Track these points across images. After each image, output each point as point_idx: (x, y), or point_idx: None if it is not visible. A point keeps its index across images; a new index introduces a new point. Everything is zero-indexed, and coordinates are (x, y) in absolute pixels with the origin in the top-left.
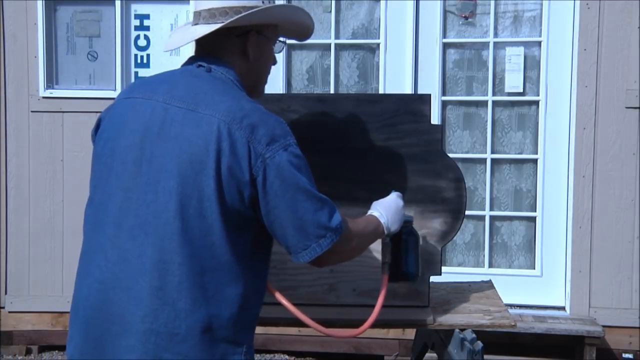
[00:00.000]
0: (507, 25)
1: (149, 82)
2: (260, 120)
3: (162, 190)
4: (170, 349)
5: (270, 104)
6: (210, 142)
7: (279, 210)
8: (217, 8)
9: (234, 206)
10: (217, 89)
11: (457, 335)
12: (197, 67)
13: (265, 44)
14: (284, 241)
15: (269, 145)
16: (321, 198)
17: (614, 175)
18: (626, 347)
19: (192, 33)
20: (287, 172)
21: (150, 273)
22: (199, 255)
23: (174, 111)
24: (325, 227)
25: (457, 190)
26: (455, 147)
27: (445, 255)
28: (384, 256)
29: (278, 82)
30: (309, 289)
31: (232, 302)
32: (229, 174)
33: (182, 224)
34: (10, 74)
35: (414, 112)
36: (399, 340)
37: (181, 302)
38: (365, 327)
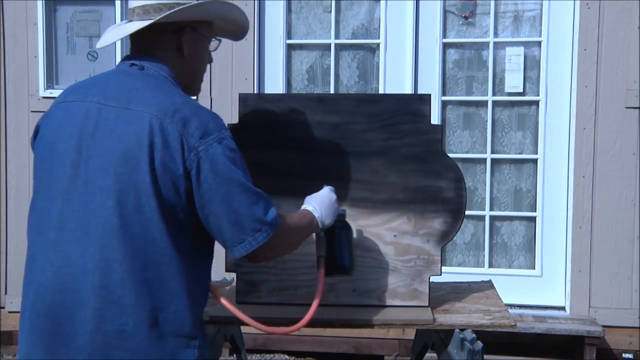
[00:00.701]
0: (507, 25)
1: (83, 85)
2: (192, 114)
3: (99, 189)
4: (119, 346)
5: (270, 104)
6: (143, 137)
7: (214, 204)
8: (151, 5)
9: (170, 200)
10: (150, 85)
11: (457, 335)
12: (130, 65)
13: (201, 41)
14: (219, 235)
15: (202, 138)
16: (256, 192)
17: (614, 175)
18: (626, 347)
19: (126, 29)
20: (221, 165)
21: (93, 272)
22: (140, 251)
23: (108, 110)
24: (260, 221)
25: (457, 190)
26: (455, 147)
27: (445, 255)
28: (318, 250)
29: (278, 82)
30: (309, 289)
31: (178, 296)
32: (163, 168)
33: (121, 221)
34: (10, 74)
35: (414, 112)
36: (399, 340)
37: (126, 299)
38: (302, 324)
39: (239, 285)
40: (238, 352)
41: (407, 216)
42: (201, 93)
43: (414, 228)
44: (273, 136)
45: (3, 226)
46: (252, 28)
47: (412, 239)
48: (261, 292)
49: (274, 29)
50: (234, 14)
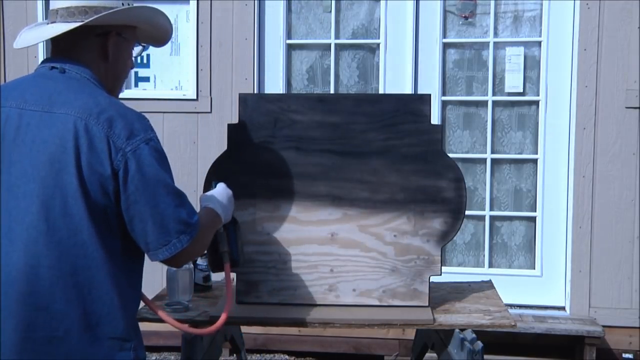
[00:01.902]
0: (507, 25)
1: (1, 90)
2: (118, 114)
3: (23, 194)
4: (50, 352)
5: (270, 104)
6: (67, 140)
7: (140, 205)
8: (77, 7)
9: (99, 202)
10: (72, 87)
11: (457, 335)
12: (50, 69)
13: (125, 46)
14: (143, 237)
15: (129, 139)
16: (181, 194)
17: (614, 175)
18: (626, 347)
19: (49, 31)
20: (148, 166)
21: (18, 281)
22: (69, 255)
23: (29, 115)
24: (185, 223)
25: (457, 190)
26: (455, 147)
27: (445, 255)
28: (222, 246)
29: (278, 82)
30: (309, 289)
31: (110, 299)
32: (90, 170)
33: (47, 225)
34: (10, 74)
35: (414, 112)
36: (399, 340)
37: (55, 305)
38: (221, 321)
39: (239, 286)
40: (238, 352)
41: (407, 216)
42: (201, 93)
43: (414, 228)
44: (273, 136)
45: None
46: (252, 28)
47: (412, 239)
48: (260, 292)
49: (274, 29)
50: (159, 19)
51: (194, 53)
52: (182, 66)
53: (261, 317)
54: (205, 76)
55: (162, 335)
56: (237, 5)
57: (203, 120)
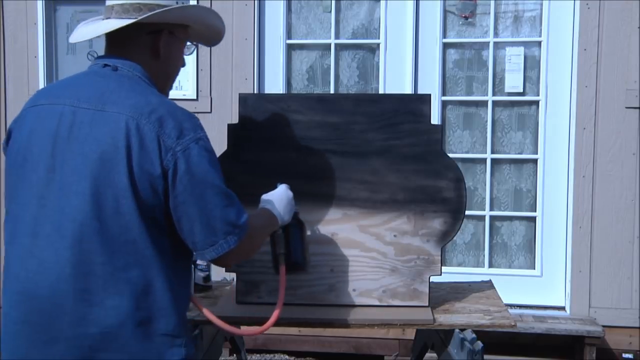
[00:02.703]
0: (507, 25)
1: (54, 88)
2: (168, 114)
3: (75, 193)
4: (105, 348)
5: (270, 104)
6: (119, 139)
7: (188, 205)
8: (131, 4)
9: (149, 201)
10: (124, 86)
11: (457, 335)
12: (103, 66)
13: (176, 45)
14: (190, 237)
15: (179, 138)
16: (230, 194)
17: (613, 175)
18: (626, 347)
19: (104, 26)
20: (197, 166)
21: (72, 277)
22: (121, 252)
23: (82, 113)
24: (233, 224)
25: (457, 190)
26: (455, 147)
27: (445, 255)
28: (278, 248)
29: (278, 82)
30: (309, 289)
31: (162, 296)
32: (141, 170)
33: (100, 223)
34: (10, 74)
35: (414, 112)
36: (399, 340)
37: (109, 301)
38: (269, 324)
39: (239, 285)
40: (238, 352)
41: (407, 216)
42: (201, 93)
43: (414, 228)
44: (273, 136)
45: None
46: (252, 28)
47: (412, 239)
48: (261, 292)
49: (274, 29)
50: (212, 19)
51: (194, 53)
52: None
53: (261, 317)
54: (205, 76)
55: None
56: (237, 5)
57: (203, 120)
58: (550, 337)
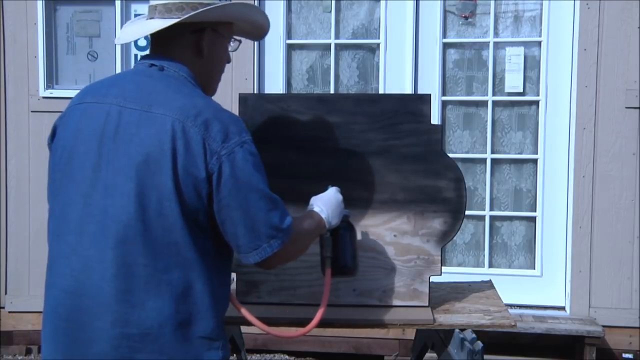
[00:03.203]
0: (507, 25)
1: (101, 86)
2: (214, 117)
3: (120, 193)
4: (143, 349)
5: (270, 104)
6: (165, 141)
7: (232, 209)
8: (174, 3)
9: (192, 204)
10: (170, 87)
11: (457, 335)
12: (150, 66)
13: (220, 42)
14: (234, 240)
15: (225, 142)
16: (274, 198)
17: (614, 175)
18: (626, 347)
19: (147, 27)
20: (242, 170)
21: (115, 277)
22: (163, 254)
23: (128, 113)
24: (276, 228)
25: (457, 190)
26: (455, 147)
27: (445, 255)
28: (325, 251)
29: (278, 82)
30: (309, 289)
31: (202, 298)
32: (185, 173)
33: (144, 225)
34: (10, 74)
35: (414, 112)
36: (399, 340)
37: (150, 302)
38: (312, 326)
39: (239, 285)
40: (238, 352)
41: (407, 216)
42: None
43: (414, 228)
44: (273, 136)
45: (3, 227)
46: None
47: (412, 239)
48: (261, 292)
49: (274, 29)
50: (255, 15)
51: None
52: None
53: (261, 317)
54: None
55: None
56: None
57: None
58: (550, 337)
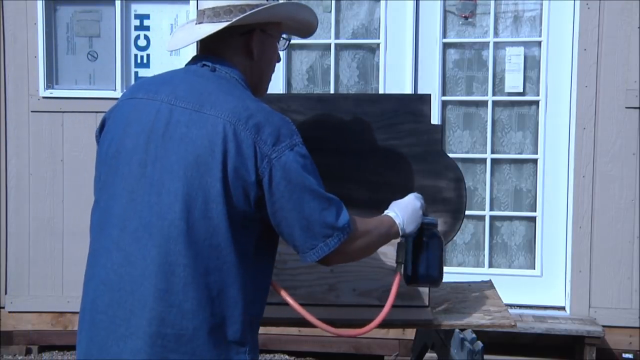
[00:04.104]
0: (507, 25)
1: (153, 82)
2: (265, 120)
3: (167, 191)
4: (176, 349)
5: (270, 104)
6: (216, 143)
7: (286, 211)
8: (222, 7)
9: (239, 207)
10: (222, 88)
11: (457, 335)
12: (202, 66)
13: (269, 42)
14: (291, 241)
15: (275, 145)
16: (328, 197)
17: (614, 175)
18: (626, 347)
19: (197, 32)
20: (293, 172)
21: (155, 275)
22: (203, 256)
23: (179, 112)
24: (332, 227)
25: (457, 190)
26: (455, 147)
27: (445, 255)
28: (398, 256)
29: (278, 82)
30: (309, 289)
31: (236, 302)
32: (235, 175)
33: (188, 225)
34: (10, 74)
35: (414, 112)
36: (399, 340)
37: (187, 304)
38: (373, 325)
39: None
40: None
41: None
42: None
43: None
44: None
45: (3, 226)
46: None
47: None
48: None
49: None
50: (303, 13)
51: (194, 53)
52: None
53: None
54: None
55: None
56: None
57: None
58: (550, 337)
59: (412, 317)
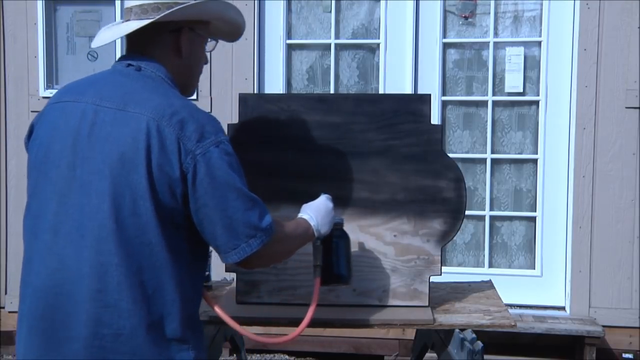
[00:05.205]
0: (507, 25)
1: (78, 85)
2: (190, 117)
3: (95, 192)
4: (115, 349)
5: (270, 104)
6: (140, 140)
7: (209, 208)
8: (149, 4)
9: (167, 204)
10: (147, 87)
11: (457, 335)
12: (127, 66)
13: (198, 41)
14: (212, 240)
15: (200, 141)
16: (252, 197)
17: (614, 175)
18: (626, 347)
19: (123, 29)
20: (218, 169)
21: (89, 277)
22: (136, 254)
23: (104, 112)
24: (255, 227)
25: (457, 190)
26: (455, 147)
27: (445, 255)
28: (315, 259)
29: (278, 82)
30: (309, 289)
31: (173, 300)
32: (160, 172)
33: (117, 224)
34: (10, 74)
35: (414, 112)
36: (399, 340)
37: (123, 303)
38: (298, 332)
39: (239, 286)
40: (238, 352)
41: (407, 216)
42: (201, 93)
43: (414, 228)
44: (273, 136)
45: (3, 226)
46: (252, 28)
47: (412, 239)
48: (261, 292)
49: (274, 29)
50: (231, 13)
51: None
52: None
53: (261, 317)
54: (205, 76)
55: None
56: (237, 5)
57: None
58: (550, 337)
59: (412, 317)
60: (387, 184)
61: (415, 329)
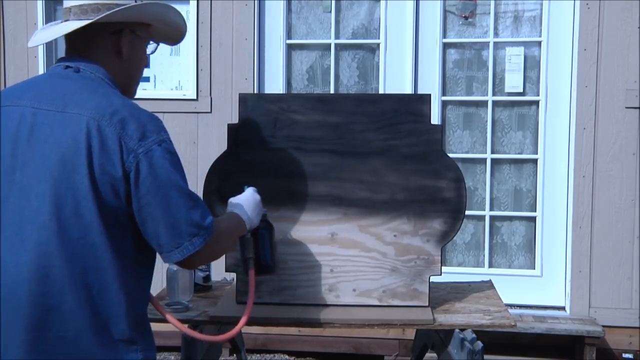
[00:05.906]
0: (507, 25)
1: (16, 89)
2: (131, 116)
3: (35, 195)
4: (60, 352)
5: (270, 104)
6: (80, 140)
7: (152, 207)
8: (89, 4)
9: (110, 203)
10: (86, 87)
11: (457, 335)
12: (65, 68)
13: (139, 43)
14: (155, 239)
15: (142, 140)
16: (194, 196)
17: (614, 175)
18: (626, 347)
19: (62, 28)
20: (160, 168)
21: (28, 281)
22: (79, 256)
23: (43, 114)
24: (198, 226)
25: (457, 190)
26: (455, 147)
27: (445, 255)
28: (247, 252)
29: (278, 82)
30: (309, 289)
31: (119, 301)
32: (102, 171)
33: (59, 225)
34: (10, 74)
35: (414, 112)
36: (399, 340)
37: (66, 305)
38: (237, 329)
39: (239, 285)
40: (238, 352)
41: (407, 216)
42: (201, 93)
43: (414, 228)
44: (273, 136)
45: None
46: (252, 28)
47: (412, 239)
48: (261, 292)
49: (274, 29)
50: (172, 16)
51: (194, 53)
52: (182, 66)
53: (261, 317)
54: (205, 76)
55: (162, 335)
56: (237, 5)
57: (203, 120)
58: (550, 337)
59: (412, 317)
60: (387, 184)
61: (415, 329)
